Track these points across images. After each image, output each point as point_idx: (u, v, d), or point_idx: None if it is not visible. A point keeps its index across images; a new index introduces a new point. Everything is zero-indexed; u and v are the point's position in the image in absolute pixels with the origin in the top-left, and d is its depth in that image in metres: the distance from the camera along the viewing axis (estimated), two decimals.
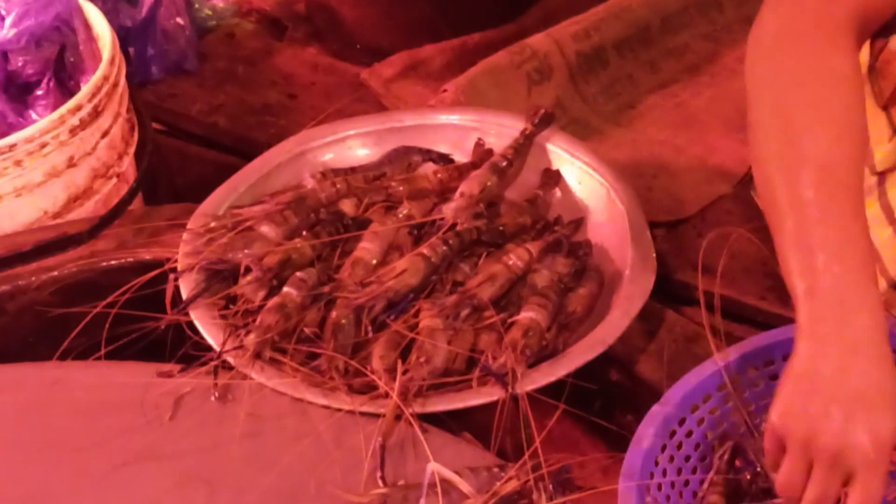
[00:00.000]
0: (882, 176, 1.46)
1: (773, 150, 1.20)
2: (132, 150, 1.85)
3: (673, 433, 1.29)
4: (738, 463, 1.32)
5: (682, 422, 1.30)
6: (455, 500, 1.22)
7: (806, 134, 1.18)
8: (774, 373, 1.32)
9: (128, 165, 1.83)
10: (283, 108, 2.06)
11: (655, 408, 1.29)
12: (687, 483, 1.29)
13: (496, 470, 1.27)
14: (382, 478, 1.27)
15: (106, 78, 1.76)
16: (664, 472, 1.27)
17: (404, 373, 1.34)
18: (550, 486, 1.25)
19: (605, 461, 1.36)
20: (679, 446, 1.29)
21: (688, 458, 1.30)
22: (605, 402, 1.45)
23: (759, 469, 1.30)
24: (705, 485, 1.29)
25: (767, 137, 1.21)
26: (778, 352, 1.32)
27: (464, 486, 1.22)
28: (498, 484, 1.24)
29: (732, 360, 1.32)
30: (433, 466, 1.22)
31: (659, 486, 1.25)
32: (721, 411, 1.32)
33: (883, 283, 1.50)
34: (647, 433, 1.27)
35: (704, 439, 1.31)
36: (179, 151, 2.03)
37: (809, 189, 1.15)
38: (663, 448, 1.27)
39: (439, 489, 1.21)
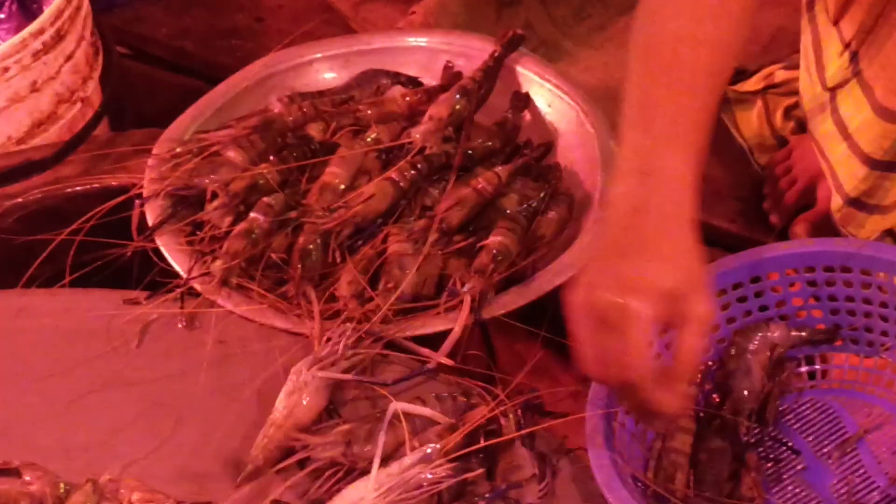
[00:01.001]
0: (833, 92, 1.47)
1: (639, 20, 1.22)
2: (97, 74, 1.84)
3: None
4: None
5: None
6: (420, 428, 1.22)
7: (671, 19, 1.19)
8: (743, 295, 1.34)
9: (92, 90, 1.83)
10: (250, 31, 2.07)
11: None
12: None
13: (460, 396, 1.28)
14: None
15: (69, 1, 1.74)
16: None
17: (370, 299, 1.34)
18: (519, 412, 1.25)
19: (577, 387, 1.34)
20: None
21: None
22: None
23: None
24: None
25: (639, 16, 1.22)
26: (746, 273, 1.33)
27: (429, 413, 1.23)
28: (465, 413, 1.24)
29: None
30: (395, 405, 1.22)
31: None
32: None
33: (838, 199, 1.51)
34: None
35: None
36: (145, 76, 2.03)
37: (641, 56, 1.19)
38: None
39: (404, 423, 1.21)
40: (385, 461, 1.17)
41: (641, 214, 1.10)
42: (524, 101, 1.63)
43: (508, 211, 1.48)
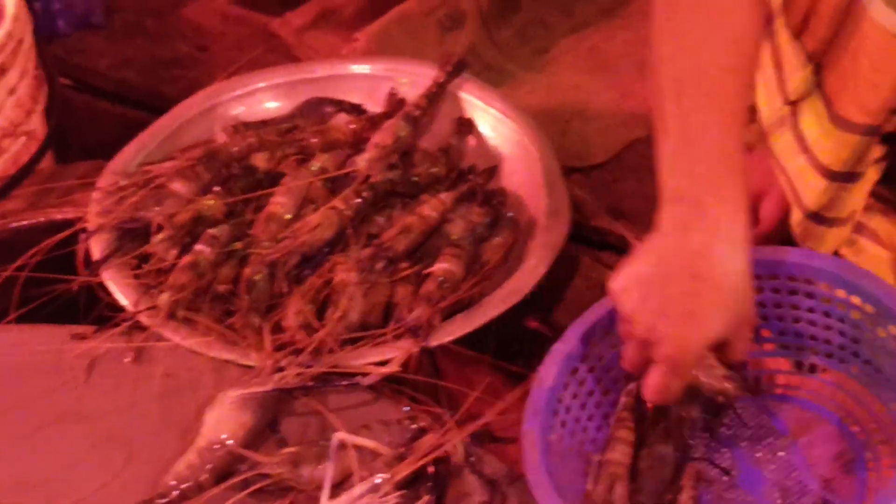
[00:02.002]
0: (795, 106, 1.47)
1: (665, 65, 1.24)
2: (41, 107, 1.83)
3: (575, 370, 1.29)
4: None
5: (584, 358, 1.30)
6: (368, 456, 1.23)
7: (697, 52, 1.24)
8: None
9: (37, 123, 1.82)
10: (193, 60, 2.06)
11: (557, 345, 1.29)
12: (591, 418, 1.31)
13: (408, 422, 1.28)
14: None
15: (11, 35, 1.73)
16: (568, 409, 1.28)
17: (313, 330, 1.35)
18: (468, 439, 1.25)
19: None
20: (582, 382, 1.30)
21: (591, 394, 1.31)
22: (525, 351, 1.46)
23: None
24: (613, 420, 1.30)
25: (662, 54, 1.25)
26: None
27: (374, 445, 1.23)
28: (413, 442, 1.25)
29: None
30: (339, 436, 1.22)
31: (563, 424, 1.26)
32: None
33: (798, 213, 1.52)
34: (549, 372, 1.27)
35: (607, 374, 1.32)
36: (89, 107, 2.03)
37: (691, 101, 1.20)
38: (566, 385, 1.28)
39: (352, 451, 1.21)
40: (334, 488, 1.18)
41: (701, 245, 1.15)
42: (468, 126, 1.64)
43: (454, 237, 1.48)
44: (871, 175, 1.50)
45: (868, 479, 1.23)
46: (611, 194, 1.77)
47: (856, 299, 1.25)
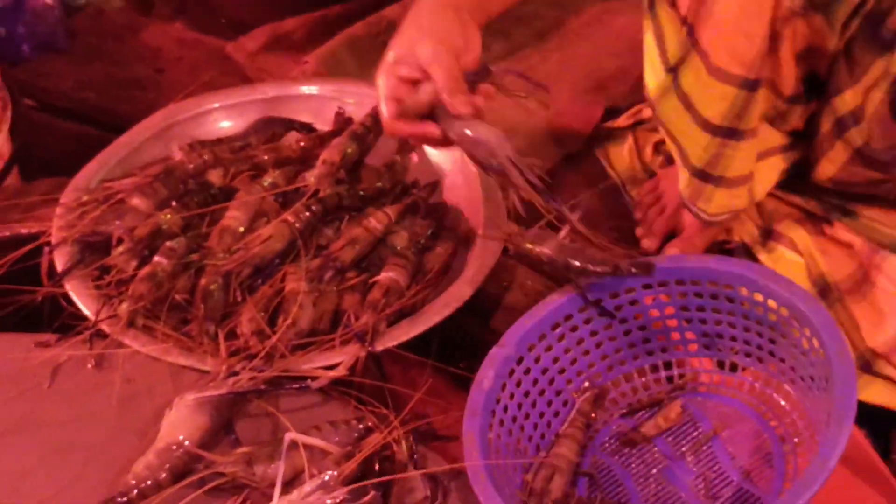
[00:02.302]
0: (675, 70, 1.48)
1: None
2: (6, 126, 1.82)
3: (512, 372, 1.31)
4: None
5: (520, 360, 1.32)
6: (318, 454, 1.24)
7: None
8: (609, 307, 1.37)
9: (2, 142, 1.81)
10: (151, 82, 2.05)
11: (494, 350, 1.31)
12: (527, 416, 1.33)
13: (355, 422, 1.29)
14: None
15: None
16: (505, 409, 1.30)
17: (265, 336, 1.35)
18: (411, 438, 1.27)
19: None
20: (518, 383, 1.32)
21: (527, 394, 1.33)
22: (465, 354, 1.45)
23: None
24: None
25: None
26: (607, 291, 1.36)
27: (323, 444, 1.25)
28: (360, 441, 1.26)
29: (564, 300, 1.36)
30: (290, 436, 1.23)
31: (501, 423, 1.29)
32: (556, 349, 1.35)
33: (685, 174, 1.54)
34: (487, 374, 1.29)
35: (542, 375, 1.34)
36: (52, 127, 2.01)
37: None
38: (503, 387, 1.30)
39: (302, 451, 1.22)
40: (285, 486, 1.19)
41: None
42: (411, 144, 1.63)
43: (399, 248, 1.49)
44: (766, 139, 1.53)
45: (786, 470, 1.26)
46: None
47: (772, 303, 1.27)
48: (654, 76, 1.52)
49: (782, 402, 1.31)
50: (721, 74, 1.42)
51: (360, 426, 1.29)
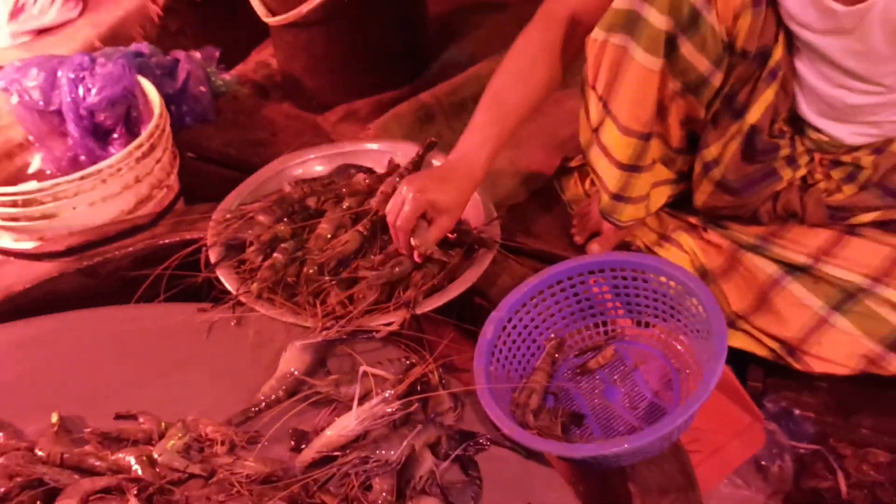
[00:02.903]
0: (596, 130, 1.47)
1: (491, 85, 1.40)
2: (176, 170, 1.84)
3: (504, 328, 1.31)
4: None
5: (509, 320, 1.32)
6: (380, 380, 1.23)
7: (501, 75, 1.40)
8: (565, 286, 1.35)
9: (173, 180, 1.83)
10: (269, 142, 2.05)
11: (493, 313, 1.32)
12: (515, 357, 1.32)
13: (403, 359, 1.29)
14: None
15: (157, 126, 1.75)
16: (500, 351, 1.30)
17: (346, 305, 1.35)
18: (440, 369, 1.27)
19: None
20: (509, 335, 1.32)
21: (514, 342, 1.33)
22: (474, 317, 1.41)
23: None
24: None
25: (493, 80, 1.40)
26: (565, 275, 1.35)
27: (383, 374, 1.24)
28: (407, 372, 1.26)
29: (537, 282, 1.35)
30: (363, 368, 1.23)
31: (497, 360, 1.29)
32: (533, 313, 1.35)
33: (605, 197, 1.54)
34: (488, 329, 1.30)
35: (525, 330, 1.34)
36: (205, 171, 2.01)
37: (484, 101, 1.39)
38: (499, 337, 1.30)
39: (371, 378, 1.22)
40: (360, 400, 1.19)
41: (450, 167, 1.35)
42: None
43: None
44: (658, 173, 1.53)
45: (681, 391, 1.26)
46: (525, 221, 1.77)
47: (671, 282, 1.27)
48: (584, 134, 1.52)
49: (679, 347, 1.30)
50: (626, 130, 1.43)
51: (407, 362, 1.29)
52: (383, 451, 1.12)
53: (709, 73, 1.37)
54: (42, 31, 2.13)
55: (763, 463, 1.47)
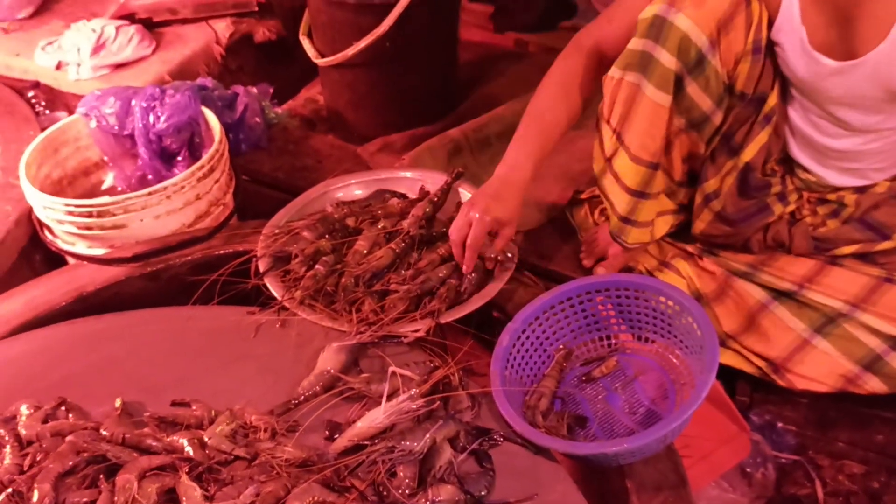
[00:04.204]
0: (609, 160, 1.48)
1: (532, 105, 1.44)
2: (231, 190, 1.84)
3: (518, 338, 1.31)
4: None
5: (524, 331, 1.32)
6: (407, 381, 1.24)
7: (540, 95, 1.44)
8: (574, 303, 1.35)
9: (229, 199, 1.83)
10: (314, 168, 2.05)
11: (509, 325, 1.32)
12: (527, 364, 1.32)
13: (428, 362, 1.29)
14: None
15: (217, 150, 1.76)
16: (515, 359, 1.30)
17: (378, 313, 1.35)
18: (460, 372, 1.27)
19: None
20: (522, 344, 1.32)
21: (527, 351, 1.33)
22: (492, 327, 1.42)
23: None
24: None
25: (534, 100, 1.45)
26: (574, 293, 1.35)
27: (410, 374, 1.25)
28: (431, 373, 1.26)
29: (549, 298, 1.36)
30: (392, 368, 1.23)
31: (511, 366, 1.29)
32: (545, 325, 1.35)
33: (614, 219, 1.54)
34: (504, 338, 1.30)
35: (536, 340, 1.34)
36: (257, 192, 2.01)
37: (526, 119, 1.43)
38: (514, 346, 1.30)
39: (398, 377, 1.23)
40: (388, 397, 1.19)
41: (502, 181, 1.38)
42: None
43: (455, 264, 1.45)
44: (663, 204, 1.54)
45: (675, 400, 1.25)
46: (539, 245, 1.77)
47: (670, 302, 1.27)
48: (598, 164, 1.52)
49: (675, 361, 1.30)
50: (636, 159, 1.43)
51: (431, 365, 1.29)
52: (407, 443, 1.13)
53: (711, 111, 1.38)
54: (119, 66, 2.16)
55: (748, 470, 1.47)
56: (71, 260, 1.72)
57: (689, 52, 1.31)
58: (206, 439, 1.18)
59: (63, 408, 1.26)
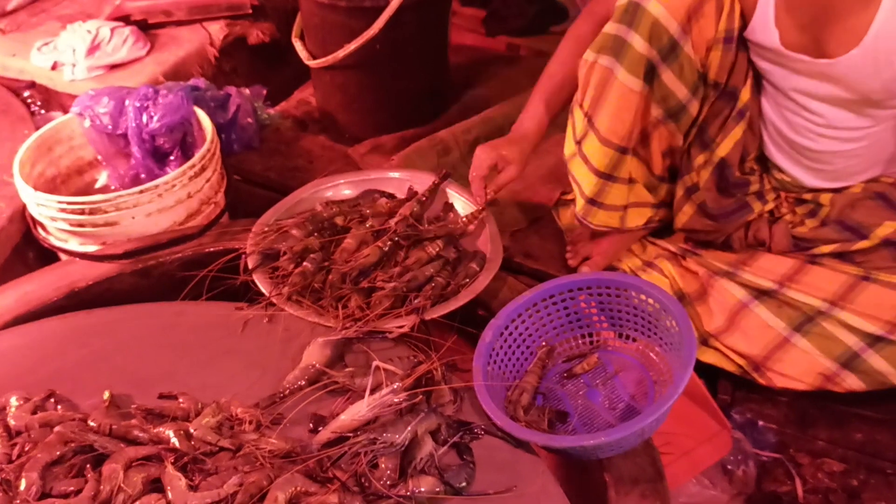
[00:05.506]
0: (580, 143, 1.51)
1: (549, 65, 1.56)
2: (223, 189, 1.84)
3: (501, 334, 1.32)
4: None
5: (507, 327, 1.33)
6: (389, 376, 1.24)
7: (555, 57, 1.56)
8: (557, 300, 1.36)
9: (220, 198, 1.83)
10: (305, 168, 2.06)
11: (492, 321, 1.33)
12: (510, 360, 1.33)
13: (412, 357, 1.30)
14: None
15: (209, 150, 1.76)
16: (497, 354, 1.31)
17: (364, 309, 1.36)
18: (443, 367, 1.28)
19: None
20: (505, 340, 1.33)
21: (510, 347, 1.34)
22: (475, 323, 1.42)
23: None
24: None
25: (551, 62, 1.57)
26: (557, 290, 1.36)
27: (393, 369, 1.25)
28: (414, 368, 1.27)
29: (532, 295, 1.36)
30: (375, 363, 1.23)
31: (494, 362, 1.30)
32: (527, 322, 1.36)
33: (581, 201, 1.56)
34: (487, 334, 1.31)
35: (520, 337, 1.35)
36: (248, 191, 2.01)
37: (541, 78, 1.55)
38: (497, 342, 1.31)
39: (382, 372, 1.23)
40: (372, 391, 1.20)
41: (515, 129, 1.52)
42: (450, 207, 1.62)
43: (441, 264, 1.46)
44: (640, 195, 1.56)
45: (654, 396, 1.27)
46: (525, 245, 1.79)
47: (651, 300, 1.28)
48: (568, 147, 1.54)
49: (655, 358, 1.31)
50: (605, 142, 1.45)
51: (414, 360, 1.29)
52: (389, 435, 1.14)
53: (686, 100, 1.40)
54: (114, 67, 2.17)
55: (729, 467, 1.48)
56: (63, 256, 1.73)
57: (661, 38, 1.33)
58: (191, 431, 1.18)
59: (52, 399, 1.27)
